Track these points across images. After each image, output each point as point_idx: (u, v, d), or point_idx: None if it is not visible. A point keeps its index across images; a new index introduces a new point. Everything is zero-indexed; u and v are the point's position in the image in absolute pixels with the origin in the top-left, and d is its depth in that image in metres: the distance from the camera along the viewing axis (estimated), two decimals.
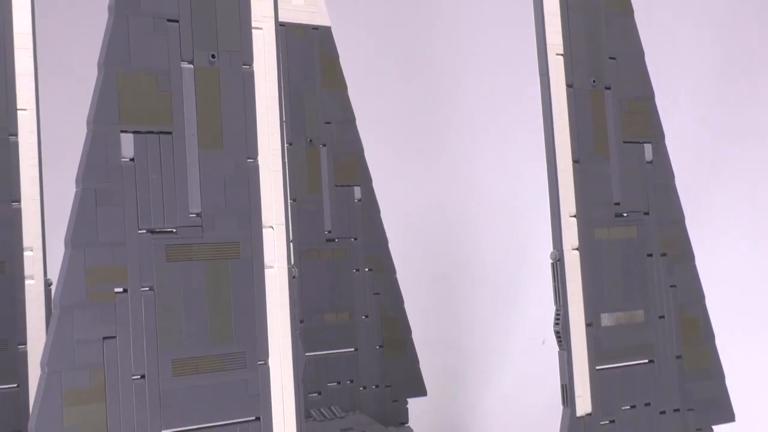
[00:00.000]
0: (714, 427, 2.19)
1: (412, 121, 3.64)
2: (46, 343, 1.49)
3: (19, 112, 2.22)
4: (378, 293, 2.67)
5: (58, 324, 1.48)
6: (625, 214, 2.12)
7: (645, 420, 2.08)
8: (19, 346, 2.20)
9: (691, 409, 2.15)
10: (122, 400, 1.53)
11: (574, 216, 2.04)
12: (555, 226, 2.02)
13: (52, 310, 1.51)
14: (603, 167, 2.09)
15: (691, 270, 2.20)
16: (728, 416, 2.22)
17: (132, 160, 1.56)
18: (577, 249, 2.04)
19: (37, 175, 2.22)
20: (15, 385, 2.19)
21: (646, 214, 2.14)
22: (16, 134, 2.22)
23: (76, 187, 1.52)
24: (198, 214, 1.62)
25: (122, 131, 1.56)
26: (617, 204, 2.11)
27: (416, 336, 2.71)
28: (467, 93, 3.57)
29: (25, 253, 2.20)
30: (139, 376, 1.55)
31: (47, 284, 2.19)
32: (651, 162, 2.17)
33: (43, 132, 2.24)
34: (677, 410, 2.13)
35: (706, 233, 2.80)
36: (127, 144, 1.56)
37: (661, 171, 2.18)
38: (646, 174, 2.16)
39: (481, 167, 3.46)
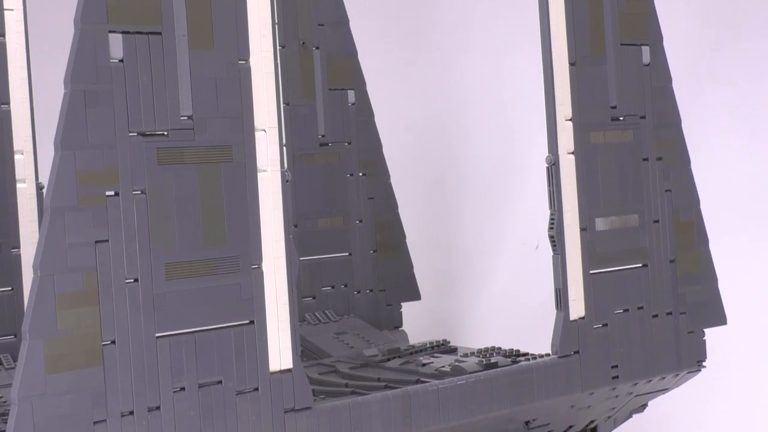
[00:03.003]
0: (706, 330, 2.21)
1: (407, 24, 3.59)
2: (38, 247, 1.48)
3: (5, 12, 2.18)
4: (372, 198, 2.67)
5: (50, 227, 1.48)
6: (621, 118, 2.10)
7: (638, 323, 2.10)
8: (13, 250, 2.20)
9: (684, 313, 2.17)
10: (116, 303, 1.53)
11: (570, 120, 2.02)
12: (550, 130, 2.01)
13: (44, 213, 1.50)
14: (600, 70, 2.07)
15: (687, 174, 2.19)
16: (720, 319, 2.24)
17: (121, 61, 1.54)
18: (572, 153, 2.03)
19: (26, 76, 2.19)
20: (9, 288, 2.20)
21: (643, 117, 2.13)
22: (3, 35, 2.18)
23: (65, 89, 1.50)
24: (189, 117, 1.60)
25: (110, 31, 1.53)
26: (613, 107, 2.09)
27: (410, 240, 2.72)
28: None
29: (16, 156, 2.18)
30: (132, 280, 1.55)
31: (39, 188, 2.18)
32: (648, 65, 2.14)
33: (31, 32, 2.20)
34: (669, 314, 2.15)
35: (702, 137, 2.78)
36: (116, 44, 1.53)
37: (659, 74, 2.16)
38: (643, 77, 2.13)
39: (477, 70, 3.42)
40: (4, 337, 2.19)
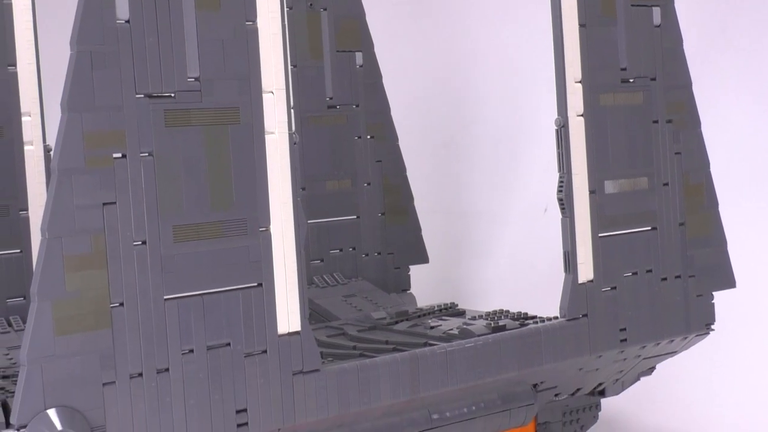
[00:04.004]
0: (714, 293, 2.20)
1: None
2: (46, 209, 1.48)
3: None
4: (380, 160, 2.66)
5: (57, 189, 1.47)
6: (631, 80, 2.08)
7: (646, 286, 2.09)
8: (21, 212, 2.20)
9: (693, 276, 2.16)
10: (124, 265, 1.53)
11: (580, 81, 2.01)
12: (560, 92, 2.00)
13: (51, 175, 1.49)
14: (610, 31, 2.05)
15: (697, 137, 2.18)
16: (729, 282, 2.23)
17: (127, 22, 1.52)
18: (581, 115, 2.01)
19: (33, 38, 2.18)
20: (18, 250, 2.21)
21: (653, 79, 2.11)
22: None
23: (71, 50, 1.49)
24: (196, 79, 1.59)
25: None
26: (624, 69, 2.07)
27: (418, 203, 2.71)
28: None
29: (23, 119, 2.18)
30: (140, 242, 1.54)
31: (46, 150, 2.18)
32: (659, 26, 2.12)
33: None
34: (678, 277, 2.14)
35: (713, 99, 2.76)
36: (122, 5, 1.52)
37: (669, 35, 2.14)
38: (654, 38, 2.11)
39: (486, 32, 3.40)
40: (13, 299, 2.20)
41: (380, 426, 1.83)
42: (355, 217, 2.64)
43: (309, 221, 2.15)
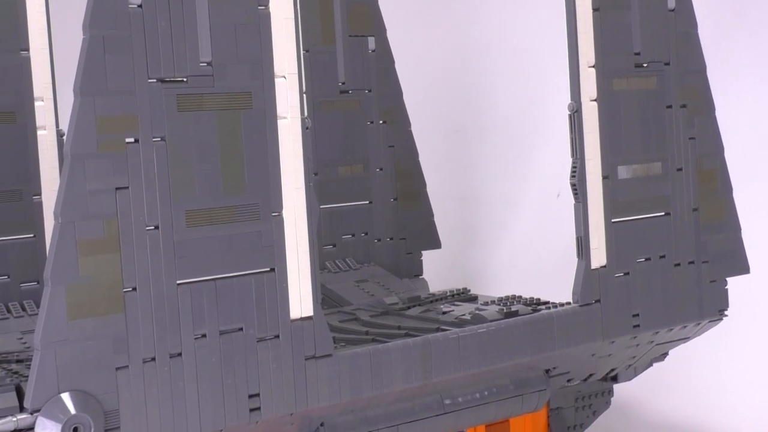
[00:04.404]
0: (728, 279, 2.20)
1: None
2: (59, 194, 1.48)
3: None
4: (392, 146, 2.66)
5: (70, 174, 1.47)
6: (645, 64, 2.07)
7: (659, 272, 2.09)
8: (34, 197, 2.20)
9: (706, 261, 2.15)
10: (137, 250, 1.53)
11: (593, 66, 2.00)
12: (573, 77, 1.99)
13: (64, 160, 1.49)
14: (624, 15, 2.04)
15: (711, 122, 2.17)
16: (743, 268, 2.22)
17: (140, 6, 1.52)
18: (595, 100, 2.01)
19: (45, 22, 2.18)
20: (32, 235, 2.21)
21: (667, 64, 2.10)
22: None
23: (84, 35, 1.49)
24: (209, 63, 1.59)
25: None
26: (637, 54, 2.06)
27: (430, 189, 2.70)
28: None
29: (36, 103, 2.18)
30: (153, 227, 1.55)
31: (59, 135, 2.18)
32: (673, 10, 2.11)
33: None
34: (692, 262, 2.13)
35: (727, 84, 2.75)
36: None
37: (684, 19, 2.13)
38: (668, 23, 2.10)
39: (498, 16, 3.38)
40: (27, 283, 2.20)
41: (392, 411, 1.83)
42: (367, 202, 2.64)
43: (321, 206, 2.15)
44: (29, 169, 2.19)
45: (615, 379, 2.27)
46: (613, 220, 2.03)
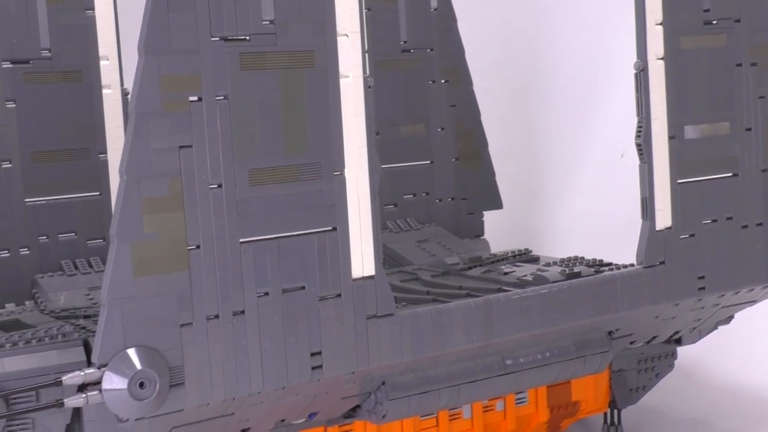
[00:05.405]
0: None
1: None
2: (123, 152, 1.49)
3: None
4: (454, 105, 2.64)
5: (134, 132, 1.49)
6: (714, 22, 2.03)
7: (726, 234, 2.05)
8: (100, 155, 2.23)
9: None
10: (200, 208, 1.54)
11: (660, 24, 1.96)
12: (640, 35, 1.95)
13: (128, 119, 1.50)
14: None
15: None
16: None
17: None
18: (662, 58, 1.97)
19: None
20: (98, 193, 2.24)
21: (737, 21, 2.05)
22: None
23: None
24: (271, 21, 1.59)
25: None
26: (706, 11, 2.02)
27: (492, 149, 2.68)
28: None
29: (101, 62, 2.19)
30: (216, 186, 1.55)
31: (124, 93, 2.20)
32: None
33: None
34: (760, 224, 2.09)
35: None
36: None
37: None
38: None
39: None
40: (93, 240, 2.23)
41: (454, 371, 1.83)
42: (428, 162, 2.63)
43: (382, 166, 2.14)
44: (95, 128, 2.21)
45: (679, 342, 2.25)
46: (678, 181, 2.00)
